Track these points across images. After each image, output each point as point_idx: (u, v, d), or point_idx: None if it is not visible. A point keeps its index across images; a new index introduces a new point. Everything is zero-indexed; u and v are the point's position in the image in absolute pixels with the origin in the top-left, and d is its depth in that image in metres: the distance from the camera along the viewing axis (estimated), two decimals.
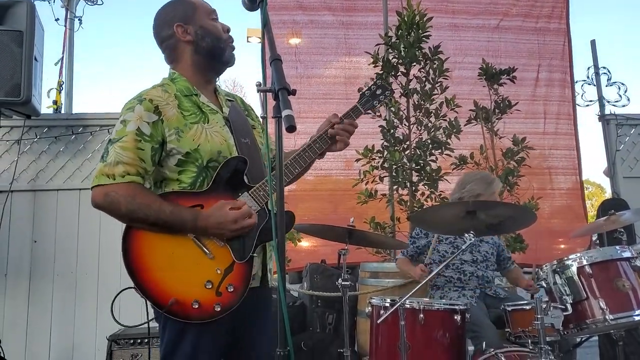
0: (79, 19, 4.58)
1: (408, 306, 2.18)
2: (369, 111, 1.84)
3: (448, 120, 3.76)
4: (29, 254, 3.92)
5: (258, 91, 1.36)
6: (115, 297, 2.80)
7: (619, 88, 4.45)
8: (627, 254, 2.07)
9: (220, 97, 1.73)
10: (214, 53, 1.66)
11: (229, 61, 1.70)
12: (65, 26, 4.52)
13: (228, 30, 1.70)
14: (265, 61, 1.31)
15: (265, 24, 1.27)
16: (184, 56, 1.66)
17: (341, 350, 2.56)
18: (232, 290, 1.49)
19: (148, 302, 1.48)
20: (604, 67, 4.56)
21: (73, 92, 4.44)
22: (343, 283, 2.45)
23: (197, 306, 1.46)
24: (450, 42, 4.83)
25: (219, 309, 1.47)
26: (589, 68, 4.65)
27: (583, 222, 4.94)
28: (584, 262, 2.06)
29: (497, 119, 3.94)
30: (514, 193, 3.83)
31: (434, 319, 2.23)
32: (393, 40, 3.81)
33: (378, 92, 1.76)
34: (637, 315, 1.95)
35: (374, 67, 3.90)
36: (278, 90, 1.11)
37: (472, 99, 3.99)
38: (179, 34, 1.64)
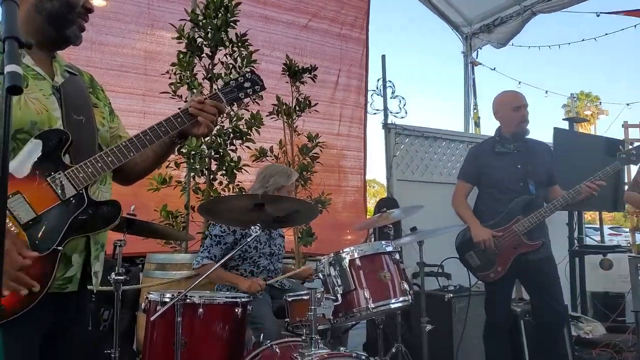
0: None
1: (188, 301, 2.13)
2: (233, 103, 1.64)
3: (250, 112, 3.73)
4: None
5: None
6: None
7: (400, 101, 5.09)
8: (389, 248, 2.34)
9: (56, 65, 1.45)
10: (57, 21, 1.38)
11: (70, 38, 1.42)
12: None
13: (88, 9, 1.43)
14: None
15: None
16: (22, 6, 1.29)
17: (109, 352, 2.32)
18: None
19: None
20: (390, 81, 5.15)
21: None
22: (116, 278, 2.26)
23: None
24: (260, 33, 4.82)
25: None
26: (378, 80, 5.20)
27: (364, 217, 5.57)
28: (355, 255, 2.25)
29: (297, 116, 4.08)
30: (308, 187, 4.03)
31: (214, 312, 2.21)
32: (200, 19, 3.60)
33: (247, 84, 1.57)
34: (393, 303, 2.22)
35: (178, 43, 3.63)
36: (5, 39, 0.89)
37: (276, 93, 4.05)
38: None
